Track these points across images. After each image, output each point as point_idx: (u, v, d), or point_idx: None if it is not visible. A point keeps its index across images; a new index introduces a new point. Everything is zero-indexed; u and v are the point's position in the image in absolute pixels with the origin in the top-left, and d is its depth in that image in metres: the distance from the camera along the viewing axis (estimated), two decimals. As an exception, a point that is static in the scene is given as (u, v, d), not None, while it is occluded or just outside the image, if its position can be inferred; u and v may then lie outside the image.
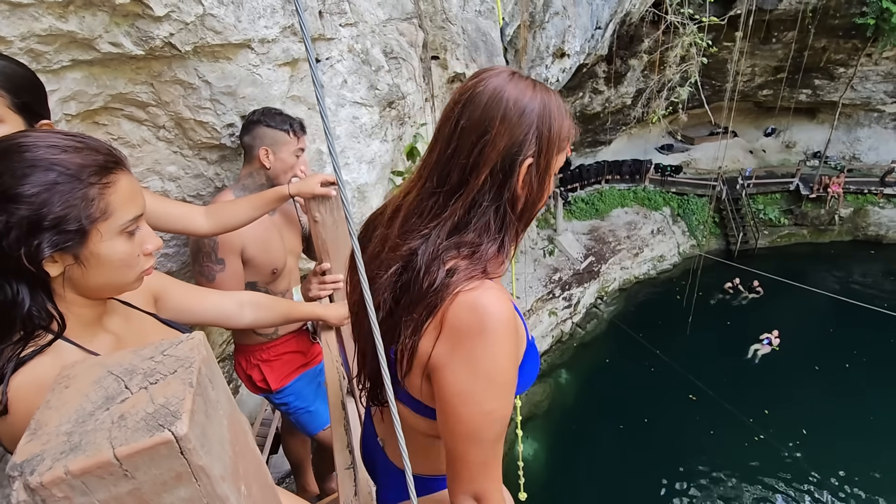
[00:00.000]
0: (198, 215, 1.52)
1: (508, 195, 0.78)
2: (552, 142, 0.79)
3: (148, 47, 1.48)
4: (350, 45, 2.24)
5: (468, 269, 0.74)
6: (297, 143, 1.78)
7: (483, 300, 0.72)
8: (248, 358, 1.99)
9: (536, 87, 0.79)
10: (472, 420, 0.73)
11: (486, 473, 0.76)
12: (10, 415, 0.71)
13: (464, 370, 0.72)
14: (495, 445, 0.76)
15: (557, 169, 0.84)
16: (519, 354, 0.79)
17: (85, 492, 0.39)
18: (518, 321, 0.78)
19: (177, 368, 0.47)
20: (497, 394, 0.73)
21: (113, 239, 0.78)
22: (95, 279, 0.80)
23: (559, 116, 0.80)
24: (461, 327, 0.72)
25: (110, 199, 0.76)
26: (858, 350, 11.70)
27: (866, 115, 16.49)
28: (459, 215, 0.77)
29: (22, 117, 1.00)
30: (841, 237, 16.09)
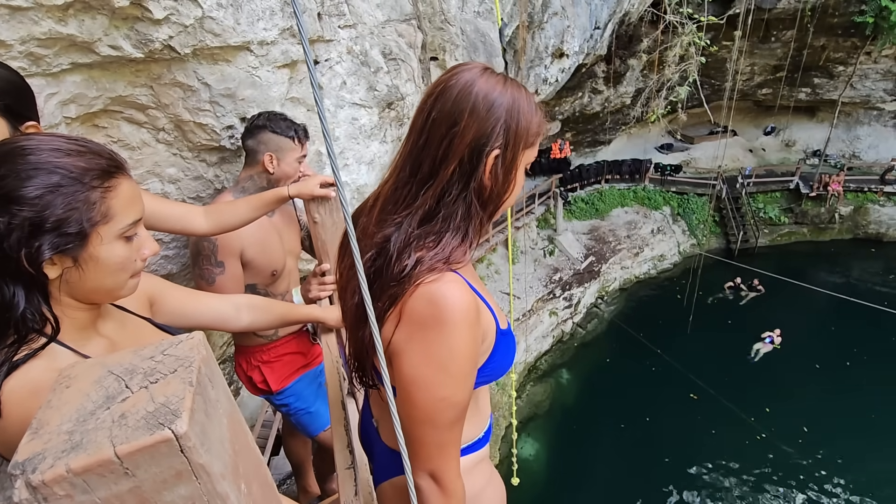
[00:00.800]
0: (197, 215, 1.52)
1: (475, 185, 0.81)
2: (519, 135, 0.81)
3: (147, 50, 1.49)
4: (349, 47, 2.25)
5: (431, 260, 0.77)
6: (301, 150, 1.79)
7: (441, 292, 0.75)
8: (248, 359, 2.00)
9: (507, 83, 0.82)
10: (427, 405, 0.78)
11: (441, 455, 0.81)
12: (2, 419, 0.71)
13: (419, 358, 0.76)
14: (451, 429, 0.81)
15: (527, 164, 0.86)
16: (479, 344, 0.81)
17: (86, 490, 0.40)
18: (480, 313, 0.81)
19: (177, 368, 0.48)
20: (450, 382, 0.77)
21: (112, 242, 0.79)
22: (91, 282, 0.80)
23: (528, 112, 0.82)
24: (418, 318, 0.76)
25: (111, 202, 0.77)
26: (859, 348, 11.70)
27: (866, 113, 16.49)
28: (430, 204, 0.80)
29: (5, 120, 0.99)
30: (841, 235, 16.09)
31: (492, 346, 0.86)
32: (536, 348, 12.58)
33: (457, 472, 0.84)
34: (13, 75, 1.04)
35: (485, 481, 1.01)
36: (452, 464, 0.83)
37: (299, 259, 2.09)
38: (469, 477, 0.96)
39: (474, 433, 0.98)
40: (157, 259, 1.88)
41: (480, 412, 0.99)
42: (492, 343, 0.86)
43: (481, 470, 1.00)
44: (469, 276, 0.84)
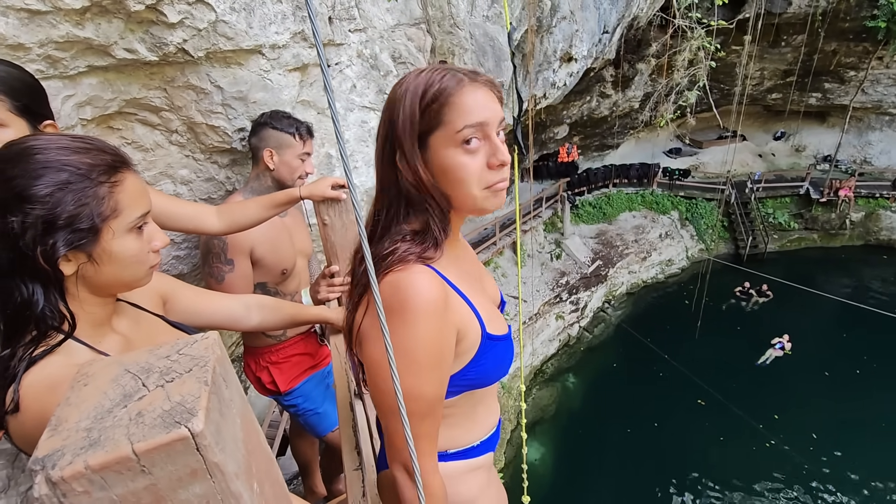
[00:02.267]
0: (210, 215, 1.54)
1: (403, 182, 0.80)
2: (402, 124, 0.78)
3: (162, 53, 1.51)
4: (359, 51, 2.27)
5: (403, 252, 0.78)
6: (303, 146, 1.79)
7: (406, 281, 0.75)
8: (257, 360, 2.01)
9: (409, 77, 0.79)
10: (390, 394, 0.76)
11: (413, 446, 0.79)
12: (20, 413, 0.73)
13: (381, 345, 0.75)
14: (421, 423, 0.78)
15: (453, 143, 0.77)
16: (447, 338, 0.79)
17: (104, 486, 0.40)
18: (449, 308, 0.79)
19: (192, 367, 0.48)
20: (412, 371, 0.76)
21: (123, 236, 0.81)
22: (108, 276, 0.82)
23: (413, 96, 0.77)
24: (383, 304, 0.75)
25: (119, 196, 0.79)
26: (869, 355, 11.54)
27: (878, 118, 16.31)
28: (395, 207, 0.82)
29: (24, 119, 1.02)
30: (852, 241, 15.89)
31: (475, 350, 0.85)
32: (543, 352, 12.53)
33: (430, 468, 0.81)
34: (27, 76, 1.07)
35: (477, 491, 0.98)
36: (424, 459, 0.81)
37: (310, 259, 2.10)
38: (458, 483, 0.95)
39: (467, 440, 0.96)
40: (168, 259, 1.90)
41: (476, 420, 0.97)
42: (474, 346, 0.84)
43: (475, 478, 0.98)
44: (451, 274, 0.84)
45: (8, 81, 1.01)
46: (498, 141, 0.79)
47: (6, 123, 0.99)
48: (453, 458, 0.96)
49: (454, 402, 0.91)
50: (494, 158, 0.78)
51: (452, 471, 0.95)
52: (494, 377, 0.91)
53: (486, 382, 0.90)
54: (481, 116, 0.76)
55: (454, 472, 0.95)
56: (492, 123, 0.78)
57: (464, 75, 0.78)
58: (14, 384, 0.73)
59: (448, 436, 0.94)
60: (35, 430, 0.72)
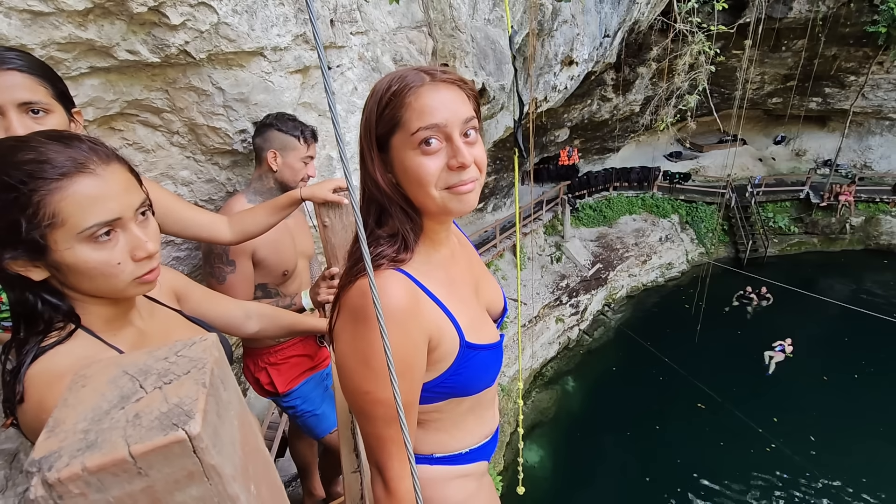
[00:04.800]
0: (223, 224, 1.55)
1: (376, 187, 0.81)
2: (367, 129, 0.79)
3: (164, 55, 1.51)
4: (360, 53, 2.27)
5: (374, 256, 0.78)
6: (307, 150, 1.80)
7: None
8: (255, 361, 2.01)
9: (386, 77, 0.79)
10: (354, 395, 0.79)
11: (382, 450, 0.80)
12: (25, 403, 0.73)
13: (346, 348, 0.78)
14: (387, 427, 0.78)
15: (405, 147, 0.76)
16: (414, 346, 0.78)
17: (100, 488, 0.40)
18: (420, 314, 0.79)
19: (190, 369, 0.48)
20: (372, 377, 0.75)
21: (75, 247, 0.74)
22: (80, 284, 0.78)
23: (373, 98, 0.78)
24: (350, 308, 0.77)
25: (60, 205, 0.71)
26: (868, 360, 11.52)
27: (878, 123, 16.33)
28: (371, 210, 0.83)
29: (62, 105, 1.04)
30: (852, 246, 15.89)
31: (452, 358, 0.83)
32: (542, 355, 12.52)
33: (399, 472, 0.80)
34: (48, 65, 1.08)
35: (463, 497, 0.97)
36: (393, 462, 0.80)
37: (311, 261, 2.10)
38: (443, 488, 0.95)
39: (454, 446, 0.96)
40: (168, 260, 1.90)
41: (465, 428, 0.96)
42: (450, 354, 0.83)
43: (462, 485, 0.97)
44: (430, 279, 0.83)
45: (45, 68, 1.04)
46: (459, 142, 0.76)
47: (52, 109, 1.01)
48: (438, 462, 0.95)
49: (438, 408, 0.90)
50: (454, 160, 0.75)
51: (436, 475, 0.95)
52: (476, 386, 0.89)
53: (468, 391, 0.88)
54: (439, 118, 0.74)
55: (438, 476, 0.95)
56: (452, 124, 0.75)
57: (426, 74, 0.76)
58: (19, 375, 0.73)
59: (433, 440, 0.94)
60: (35, 420, 0.72)
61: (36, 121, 0.99)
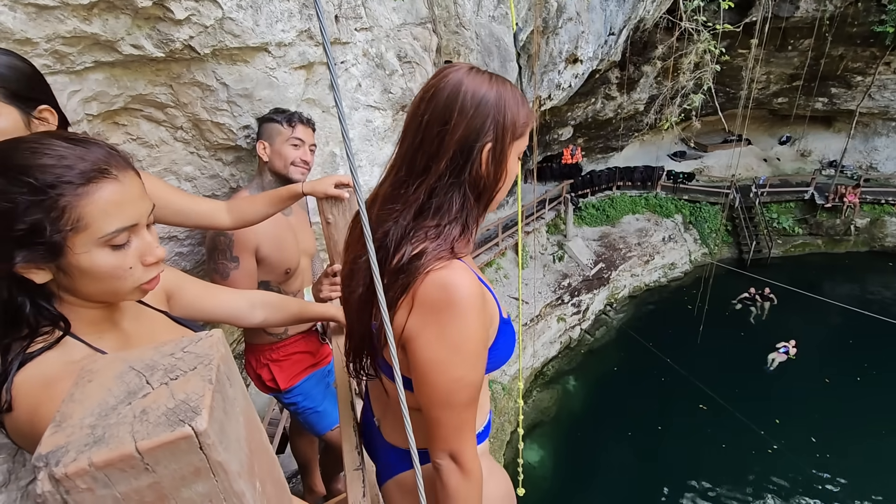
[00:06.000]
0: (222, 210, 1.55)
1: (468, 178, 0.85)
2: (507, 129, 0.86)
3: (168, 50, 1.51)
4: (365, 49, 2.26)
5: (436, 249, 0.81)
6: (292, 132, 1.77)
7: (451, 278, 0.80)
8: (257, 357, 2.01)
9: (493, 80, 0.87)
10: (444, 386, 0.82)
11: (459, 435, 0.85)
12: (14, 411, 0.71)
13: (434, 341, 0.81)
14: (467, 410, 0.85)
15: (519, 153, 0.90)
16: (487, 328, 0.86)
17: (107, 484, 0.40)
18: (486, 298, 0.86)
19: (196, 365, 0.48)
20: (465, 362, 0.82)
21: (92, 251, 0.74)
22: (86, 288, 0.77)
23: (514, 106, 0.86)
24: (431, 302, 0.80)
25: (85, 210, 0.71)
26: (870, 363, 11.48)
27: (884, 123, 16.24)
28: (423, 199, 0.85)
29: (14, 106, 0.97)
30: (857, 248, 15.82)
31: (496, 333, 0.91)
32: (544, 354, 12.51)
33: (474, 452, 0.88)
34: (16, 59, 1.02)
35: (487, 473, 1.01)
36: (469, 444, 0.87)
37: (313, 259, 2.10)
38: None
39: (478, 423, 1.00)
40: (171, 255, 1.90)
41: (481, 407, 1.01)
42: (496, 330, 0.90)
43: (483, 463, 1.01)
44: (472, 266, 0.88)
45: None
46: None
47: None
48: None
49: None
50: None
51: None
52: (507, 358, 0.95)
53: (502, 363, 0.94)
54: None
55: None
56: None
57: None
58: (6, 383, 0.70)
59: None
60: (28, 427, 0.71)
61: None
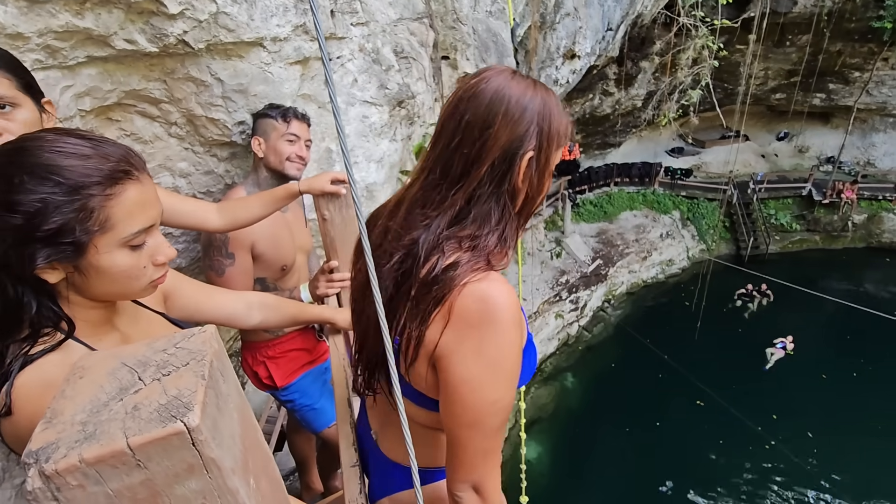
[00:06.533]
0: (210, 211, 1.53)
1: (508, 188, 0.80)
2: (551, 138, 0.81)
3: (162, 44, 1.50)
4: (361, 45, 2.25)
5: (472, 260, 0.76)
6: (287, 127, 1.76)
7: (491, 291, 0.74)
8: (254, 354, 2.01)
9: (537, 87, 0.82)
10: (478, 408, 0.75)
11: (486, 463, 0.79)
12: (14, 415, 0.70)
13: (472, 358, 0.74)
14: (497, 435, 0.79)
15: (555, 165, 0.86)
16: (522, 345, 0.80)
17: (98, 481, 0.40)
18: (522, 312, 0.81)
19: (189, 361, 0.48)
20: (503, 382, 0.76)
21: (114, 251, 0.75)
22: (98, 288, 0.78)
23: (558, 115, 0.82)
24: (470, 317, 0.74)
25: (112, 211, 0.72)
26: (867, 358, 11.53)
27: (882, 120, 16.24)
28: (460, 206, 0.79)
29: (30, 97, 1.00)
30: (854, 244, 15.85)
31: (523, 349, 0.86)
32: (541, 351, 12.52)
33: (498, 483, 0.81)
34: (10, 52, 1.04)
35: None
36: (495, 474, 0.81)
37: (309, 256, 2.09)
38: None
39: None
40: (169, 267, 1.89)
41: None
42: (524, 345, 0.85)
43: None
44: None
45: (8, 59, 1.00)
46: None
47: (19, 102, 0.98)
48: None
49: None
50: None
51: None
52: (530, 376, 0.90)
53: (525, 381, 0.88)
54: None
55: None
56: None
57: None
58: (7, 386, 0.70)
59: None
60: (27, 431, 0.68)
61: (3, 116, 0.95)
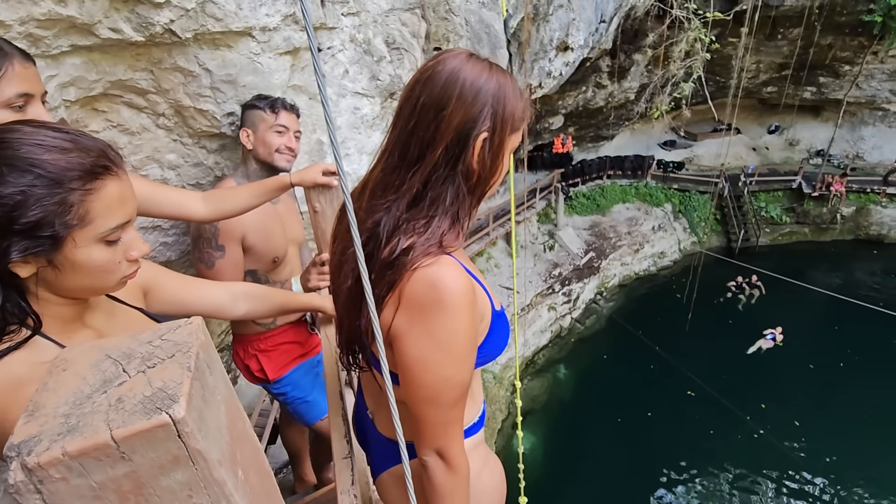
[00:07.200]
0: (195, 201, 1.50)
1: (462, 169, 0.82)
2: (506, 120, 0.83)
3: (148, 34, 1.47)
4: (352, 35, 2.23)
5: (424, 244, 0.78)
6: (276, 118, 1.74)
7: (439, 275, 0.77)
8: (245, 348, 2.00)
9: (493, 69, 0.83)
10: (432, 385, 0.80)
11: (446, 433, 0.84)
12: None
13: (422, 340, 0.78)
14: (455, 408, 0.84)
15: (512, 148, 0.88)
16: (477, 324, 0.83)
17: (82, 473, 0.39)
18: (476, 293, 0.83)
19: (175, 353, 0.47)
20: (453, 362, 0.80)
21: (90, 246, 0.74)
22: (70, 283, 0.77)
23: (513, 98, 0.83)
24: (419, 301, 0.77)
25: (91, 206, 0.72)
26: (853, 348, 11.74)
27: (871, 113, 16.41)
28: (417, 188, 0.81)
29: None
30: (843, 236, 16.07)
31: (488, 327, 0.88)
32: (535, 343, 12.61)
33: (461, 448, 0.87)
34: None
35: (482, 464, 1.02)
36: (457, 441, 0.86)
37: (301, 248, 2.08)
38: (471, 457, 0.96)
39: (470, 417, 0.99)
40: (155, 245, 1.87)
41: (474, 397, 1.00)
42: (488, 324, 0.88)
43: (478, 454, 1.02)
44: (462, 260, 0.86)
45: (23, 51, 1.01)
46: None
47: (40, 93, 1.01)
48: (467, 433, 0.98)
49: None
50: None
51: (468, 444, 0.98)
52: (501, 349, 0.93)
53: (495, 356, 0.92)
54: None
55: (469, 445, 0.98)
56: None
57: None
58: None
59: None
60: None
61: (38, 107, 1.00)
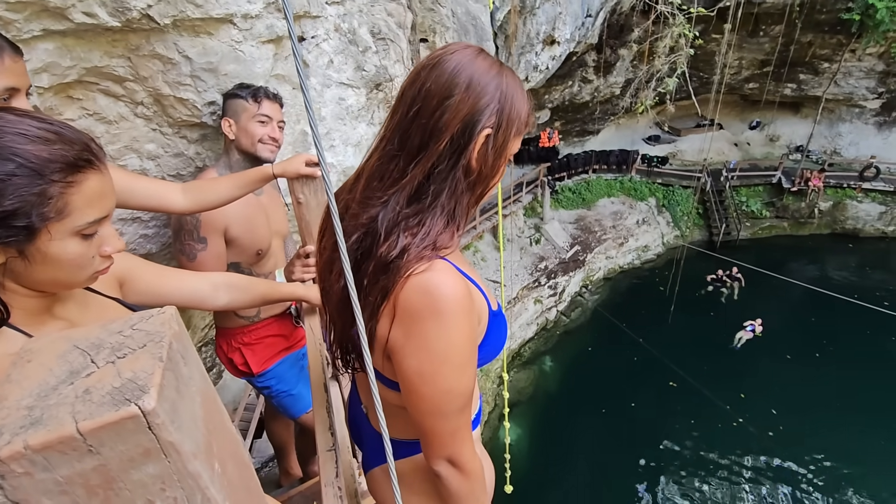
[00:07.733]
0: (173, 192, 1.46)
1: (464, 163, 0.78)
2: (511, 120, 0.79)
3: (125, 19, 1.42)
4: (336, 24, 2.19)
5: (418, 247, 0.74)
6: (258, 108, 1.70)
7: (434, 282, 0.72)
8: (229, 341, 1.97)
9: (503, 68, 0.81)
10: (434, 398, 0.76)
11: (454, 440, 0.81)
12: None
13: (421, 353, 0.74)
14: (461, 415, 0.80)
15: (513, 152, 0.84)
16: (475, 329, 0.80)
17: (47, 468, 0.38)
18: (473, 296, 0.79)
19: (146, 343, 0.46)
20: (454, 372, 0.76)
21: (65, 239, 0.74)
22: (39, 275, 0.75)
23: (521, 99, 0.81)
24: (414, 310, 0.73)
25: (71, 199, 0.71)
26: (829, 339, 12.05)
27: (848, 110, 16.77)
28: (419, 180, 0.77)
29: None
30: (820, 230, 16.45)
31: (485, 329, 0.85)
32: (521, 335, 12.70)
33: (472, 452, 0.84)
34: None
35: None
36: (467, 446, 0.83)
37: (286, 240, 2.05)
38: None
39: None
40: (135, 238, 1.83)
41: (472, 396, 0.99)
42: (486, 325, 0.85)
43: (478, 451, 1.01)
44: (457, 261, 0.82)
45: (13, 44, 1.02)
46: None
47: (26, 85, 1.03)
48: None
49: None
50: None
51: None
52: (500, 349, 0.91)
53: (493, 356, 0.89)
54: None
55: None
56: None
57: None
58: None
59: None
60: None
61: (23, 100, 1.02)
